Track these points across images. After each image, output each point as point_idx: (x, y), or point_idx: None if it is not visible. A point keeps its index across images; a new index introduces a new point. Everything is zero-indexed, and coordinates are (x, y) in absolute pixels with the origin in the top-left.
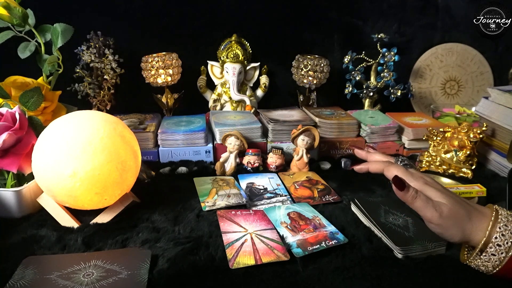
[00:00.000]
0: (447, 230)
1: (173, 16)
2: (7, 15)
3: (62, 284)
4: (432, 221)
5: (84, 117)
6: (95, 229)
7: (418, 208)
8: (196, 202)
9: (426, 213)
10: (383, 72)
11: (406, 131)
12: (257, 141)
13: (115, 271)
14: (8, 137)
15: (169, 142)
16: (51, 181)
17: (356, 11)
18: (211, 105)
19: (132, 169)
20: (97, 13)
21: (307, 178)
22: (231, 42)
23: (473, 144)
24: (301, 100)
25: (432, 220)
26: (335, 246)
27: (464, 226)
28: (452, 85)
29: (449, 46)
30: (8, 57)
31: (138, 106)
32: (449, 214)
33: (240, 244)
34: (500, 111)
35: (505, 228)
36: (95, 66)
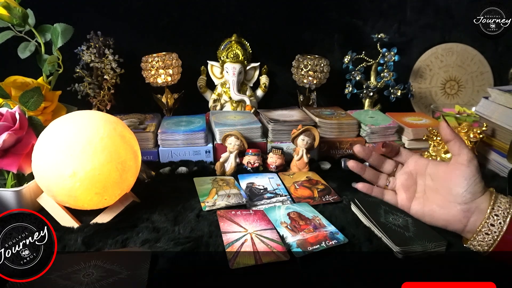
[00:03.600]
0: (476, 175)
1: (173, 16)
2: (7, 15)
3: (62, 284)
4: (473, 158)
5: (84, 117)
6: (95, 229)
7: (464, 145)
8: (196, 202)
9: (469, 151)
10: (383, 72)
11: (406, 131)
12: (257, 141)
13: (115, 271)
14: (8, 137)
15: (169, 142)
16: (51, 181)
17: (356, 11)
18: (211, 105)
19: (132, 169)
20: (97, 13)
21: (307, 178)
22: (231, 42)
23: (473, 144)
24: (301, 100)
25: (473, 158)
26: (335, 246)
27: (482, 182)
28: (452, 85)
29: (449, 46)
30: (8, 57)
31: (138, 106)
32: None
33: (240, 244)
34: (500, 111)
35: (498, 209)
36: (95, 66)
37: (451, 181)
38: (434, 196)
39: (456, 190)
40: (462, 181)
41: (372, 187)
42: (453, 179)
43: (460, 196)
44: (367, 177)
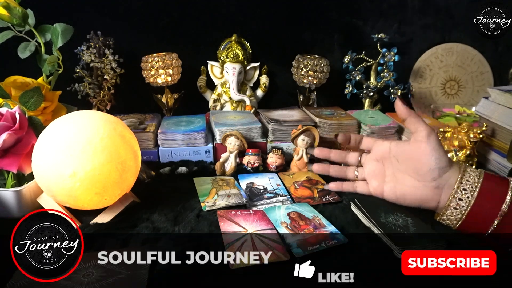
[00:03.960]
0: (441, 146)
1: (173, 16)
2: (7, 15)
3: (62, 284)
4: (432, 133)
5: (84, 117)
6: (95, 229)
7: (421, 121)
8: (196, 202)
9: (427, 127)
10: (383, 72)
11: (406, 131)
12: (257, 141)
13: (115, 271)
14: (8, 137)
15: (169, 142)
16: (51, 181)
17: (356, 11)
18: (211, 105)
19: (132, 169)
20: (97, 13)
21: (307, 178)
22: (231, 42)
23: (473, 144)
24: (301, 100)
25: (432, 132)
26: (335, 246)
27: (446, 156)
28: (452, 85)
29: (449, 46)
30: (8, 57)
31: (138, 106)
32: (436, 138)
33: (240, 244)
34: (500, 111)
35: (466, 183)
36: (95, 66)
37: (415, 160)
38: (403, 178)
39: (422, 169)
40: (425, 158)
41: (342, 183)
42: (416, 158)
43: (426, 174)
44: (333, 173)
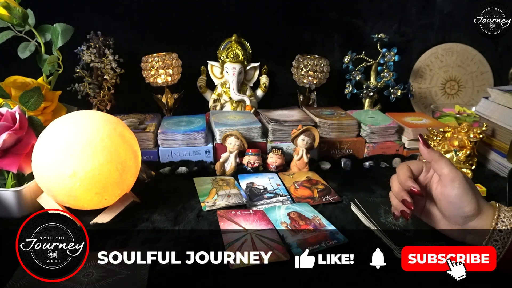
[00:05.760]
0: (467, 193)
1: (173, 16)
2: (7, 15)
3: (62, 284)
4: (457, 178)
5: (84, 117)
6: (95, 229)
7: (444, 164)
8: (196, 202)
9: (452, 171)
10: (383, 72)
11: (406, 131)
12: (257, 141)
13: (115, 271)
14: (8, 137)
15: (169, 142)
16: (51, 181)
17: (356, 11)
18: (211, 105)
19: (132, 169)
20: (97, 13)
21: (307, 178)
22: (231, 42)
23: (473, 144)
24: (301, 100)
25: (457, 178)
26: (335, 246)
27: (478, 197)
28: (452, 85)
29: (449, 46)
30: (8, 57)
31: (138, 106)
32: (467, 180)
33: (240, 244)
34: (500, 111)
35: (505, 222)
36: (95, 66)
37: (440, 201)
38: (432, 206)
39: (444, 213)
40: (447, 205)
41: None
42: (441, 200)
43: (449, 218)
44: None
